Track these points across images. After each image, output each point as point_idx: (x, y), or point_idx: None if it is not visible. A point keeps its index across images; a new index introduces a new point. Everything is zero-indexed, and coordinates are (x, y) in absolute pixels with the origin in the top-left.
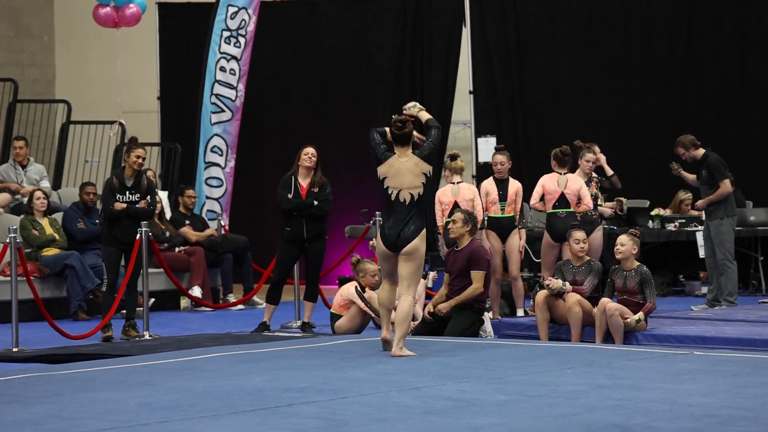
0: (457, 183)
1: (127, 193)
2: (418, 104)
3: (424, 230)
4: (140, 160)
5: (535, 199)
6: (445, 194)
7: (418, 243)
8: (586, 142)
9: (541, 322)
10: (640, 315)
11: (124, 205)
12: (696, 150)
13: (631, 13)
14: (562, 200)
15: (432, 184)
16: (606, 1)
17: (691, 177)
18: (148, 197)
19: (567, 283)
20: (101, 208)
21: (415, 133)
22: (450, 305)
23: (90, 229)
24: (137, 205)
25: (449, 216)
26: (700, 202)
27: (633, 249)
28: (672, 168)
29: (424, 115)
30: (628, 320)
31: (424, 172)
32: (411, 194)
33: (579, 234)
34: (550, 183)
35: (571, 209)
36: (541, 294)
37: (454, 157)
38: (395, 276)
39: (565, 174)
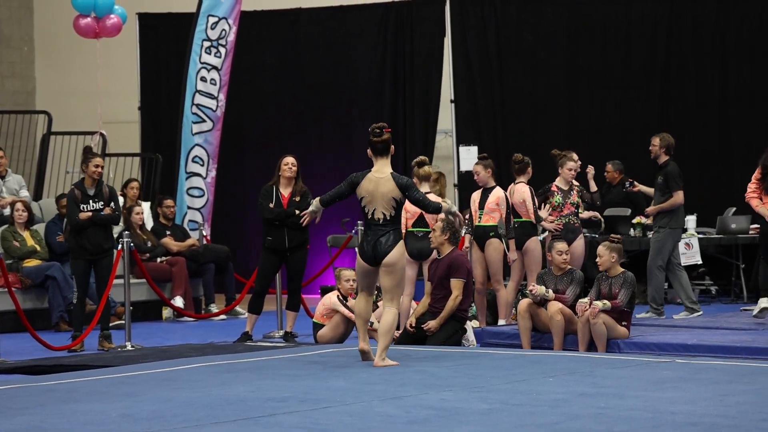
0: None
1: (91, 202)
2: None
3: (402, 242)
4: (99, 170)
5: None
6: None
7: (398, 254)
8: (563, 150)
9: (523, 331)
10: (607, 303)
11: (89, 214)
12: (665, 155)
13: (611, 23)
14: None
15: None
16: (585, 10)
17: (649, 190)
18: (112, 203)
19: (550, 291)
20: (65, 223)
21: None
22: (439, 322)
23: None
24: (102, 213)
25: (413, 226)
26: (650, 209)
27: (612, 257)
28: (627, 189)
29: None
30: (597, 304)
31: (395, 197)
32: (384, 213)
33: (561, 245)
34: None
35: (523, 219)
36: (524, 302)
37: (421, 164)
38: (372, 288)
39: (516, 183)
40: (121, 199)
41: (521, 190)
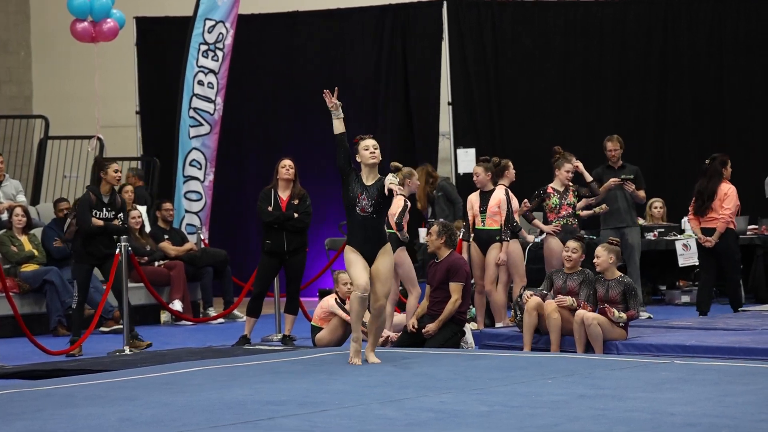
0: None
1: (104, 209)
2: (395, 182)
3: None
4: (118, 174)
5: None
6: None
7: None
8: (564, 150)
9: (527, 327)
10: (623, 315)
11: (101, 222)
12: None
13: (606, 24)
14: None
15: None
16: (581, 13)
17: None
18: (121, 215)
19: (575, 301)
20: (73, 223)
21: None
22: (437, 325)
23: (66, 247)
24: (112, 223)
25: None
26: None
27: (610, 259)
28: (628, 186)
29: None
30: (614, 312)
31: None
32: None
33: (571, 243)
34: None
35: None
36: (533, 300)
37: (396, 170)
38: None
39: (497, 187)
40: None
41: (496, 196)
